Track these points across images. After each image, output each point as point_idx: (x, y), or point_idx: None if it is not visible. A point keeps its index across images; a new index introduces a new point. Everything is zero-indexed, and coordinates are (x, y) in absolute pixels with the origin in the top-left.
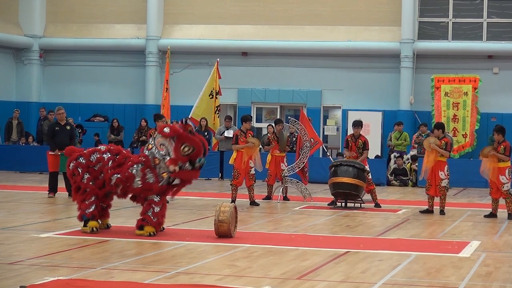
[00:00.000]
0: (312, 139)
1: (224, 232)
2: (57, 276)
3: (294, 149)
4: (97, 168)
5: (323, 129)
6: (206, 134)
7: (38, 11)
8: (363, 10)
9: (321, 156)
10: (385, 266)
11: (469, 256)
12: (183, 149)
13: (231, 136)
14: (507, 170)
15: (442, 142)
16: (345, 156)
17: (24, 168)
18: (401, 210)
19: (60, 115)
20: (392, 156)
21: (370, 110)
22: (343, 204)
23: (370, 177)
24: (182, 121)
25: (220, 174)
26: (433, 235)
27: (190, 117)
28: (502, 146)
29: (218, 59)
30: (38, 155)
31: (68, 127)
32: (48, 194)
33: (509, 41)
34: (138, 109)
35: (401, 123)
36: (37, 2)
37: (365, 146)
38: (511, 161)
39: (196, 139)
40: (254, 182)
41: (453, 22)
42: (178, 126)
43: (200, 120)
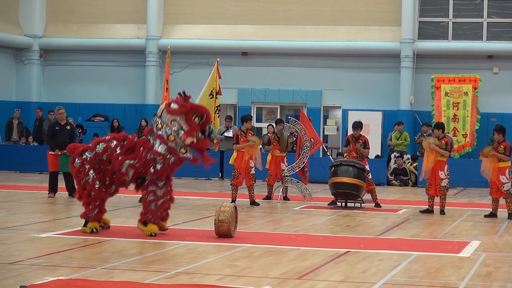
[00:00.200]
0: (312, 139)
1: (224, 232)
2: (57, 276)
3: (294, 149)
4: (105, 157)
5: (323, 129)
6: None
7: (38, 11)
8: (363, 10)
9: (321, 156)
10: (385, 266)
11: (469, 256)
12: (195, 119)
13: (231, 136)
14: (507, 170)
15: (442, 142)
16: (344, 154)
17: (24, 168)
18: (401, 210)
19: (60, 115)
20: (392, 156)
21: (370, 110)
22: (343, 204)
23: (370, 177)
24: (181, 93)
25: (220, 174)
26: (433, 235)
27: None
28: (502, 146)
29: (218, 59)
30: (38, 155)
31: (68, 127)
32: (48, 194)
33: (509, 41)
34: (138, 109)
35: (401, 123)
36: (37, 2)
37: (365, 146)
38: (511, 161)
39: (203, 107)
40: (254, 182)
41: (453, 22)
42: (180, 100)
43: None
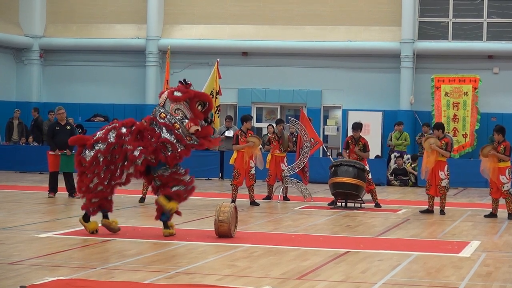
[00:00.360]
0: (312, 139)
1: (224, 232)
2: (57, 276)
3: (294, 149)
4: (117, 146)
5: (323, 129)
6: None
7: (38, 11)
8: (363, 10)
9: (321, 156)
10: (385, 266)
11: (469, 256)
12: (198, 106)
13: (232, 136)
14: (507, 170)
15: (443, 142)
16: (343, 157)
17: (24, 168)
18: (401, 210)
19: (60, 115)
20: (392, 156)
21: (370, 110)
22: (343, 204)
23: (370, 177)
24: (182, 81)
25: (220, 174)
26: (433, 235)
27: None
28: (502, 146)
29: (218, 59)
30: (38, 155)
31: (68, 127)
32: (48, 194)
33: (509, 41)
34: (138, 109)
35: (401, 123)
36: (37, 2)
37: (365, 148)
38: (511, 161)
39: (206, 94)
40: (254, 182)
41: (453, 22)
42: (182, 88)
43: None
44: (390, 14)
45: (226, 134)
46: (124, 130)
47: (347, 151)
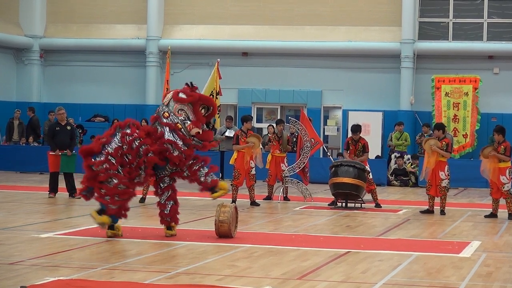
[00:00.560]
0: (312, 139)
1: (224, 232)
2: (57, 276)
3: (294, 149)
4: (126, 147)
5: (324, 129)
6: None
7: (38, 11)
8: (364, 10)
9: (321, 156)
10: (385, 266)
11: (469, 256)
12: (201, 110)
13: (232, 136)
14: (508, 170)
15: (443, 143)
16: (344, 157)
17: (24, 168)
18: (401, 210)
19: (60, 115)
20: (392, 156)
21: (370, 111)
22: (344, 204)
23: (371, 177)
24: (188, 84)
25: (220, 174)
26: (433, 235)
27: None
28: (502, 147)
29: (219, 59)
30: (39, 155)
31: (68, 127)
32: (48, 194)
33: (509, 41)
34: (139, 109)
35: (401, 123)
36: (37, 2)
37: (364, 149)
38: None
39: (210, 98)
40: (255, 182)
41: (453, 22)
42: (187, 90)
43: None
44: (390, 14)
45: (227, 134)
46: (128, 130)
47: (348, 152)
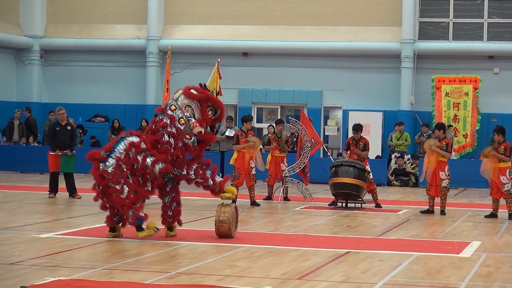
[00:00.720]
0: (312, 139)
1: (224, 232)
2: (57, 276)
3: (295, 149)
4: (132, 153)
5: (324, 129)
6: None
7: (38, 12)
8: (364, 10)
9: (321, 156)
10: (385, 266)
11: (469, 256)
12: (209, 111)
13: (232, 136)
14: (508, 171)
15: (443, 143)
16: (344, 157)
17: (24, 168)
18: (401, 210)
19: (60, 116)
20: (392, 156)
21: (370, 111)
22: (344, 204)
23: (371, 177)
24: (201, 85)
25: (221, 174)
26: (433, 236)
27: None
28: (502, 147)
29: (219, 60)
30: (39, 155)
31: (68, 128)
32: (48, 194)
33: (509, 41)
34: (139, 109)
35: (402, 123)
36: (37, 2)
37: (365, 148)
38: None
39: (221, 102)
40: (255, 182)
41: (453, 22)
42: (200, 88)
43: None
44: (390, 14)
45: (227, 134)
46: (135, 138)
47: (348, 152)
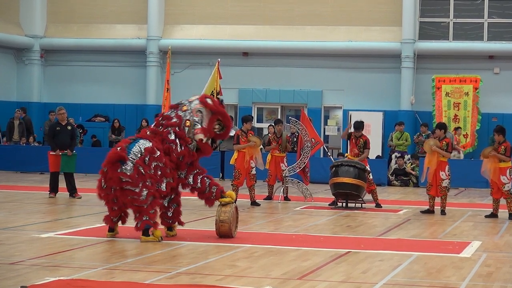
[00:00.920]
0: (313, 139)
1: (225, 232)
2: (58, 276)
3: (295, 149)
4: (148, 159)
5: (324, 129)
6: None
7: (39, 11)
8: (364, 10)
9: (322, 156)
10: (386, 266)
11: (470, 256)
12: (215, 125)
13: (232, 135)
14: (508, 171)
15: (443, 143)
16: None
17: (25, 168)
18: (402, 210)
19: (61, 115)
20: (393, 156)
21: (371, 110)
22: (344, 204)
23: (371, 177)
24: (218, 100)
25: (221, 174)
26: (434, 235)
27: None
28: (502, 147)
29: (219, 59)
30: (39, 155)
31: (69, 127)
32: (49, 194)
33: (510, 41)
34: (139, 109)
35: (402, 123)
36: (37, 2)
37: (365, 145)
38: None
39: (230, 122)
40: (255, 182)
41: (454, 22)
42: (217, 101)
43: None
44: (390, 14)
45: None
46: (148, 144)
47: (347, 141)
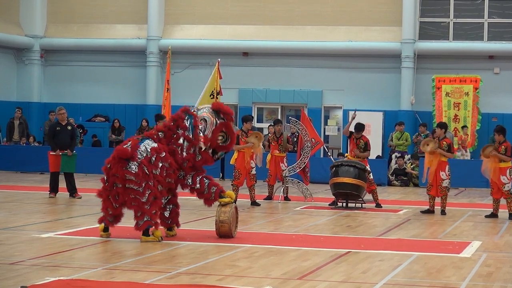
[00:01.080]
0: (313, 139)
1: (225, 232)
2: (58, 276)
3: (295, 149)
4: (154, 159)
5: (324, 129)
6: None
7: (39, 11)
8: (364, 10)
9: (322, 156)
10: (386, 266)
11: (470, 256)
12: (219, 136)
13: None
14: (508, 170)
15: (444, 143)
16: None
17: (25, 168)
18: (402, 210)
19: (61, 115)
20: (393, 156)
21: (371, 110)
22: (344, 204)
23: (371, 177)
24: (230, 115)
25: (221, 174)
26: (434, 235)
27: None
28: (503, 147)
29: (219, 59)
30: (39, 155)
31: (69, 127)
32: (49, 194)
33: (510, 41)
34: (139, 109)
35: (402, 123)
36: (38, 2)
37: (366, 147)
38: None
39: (235, 138)
40: (255, 182)
41: (454, 22)
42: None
43: None
44: (390, 14)
45: None
46: (155, 145)
47: (348, 143)
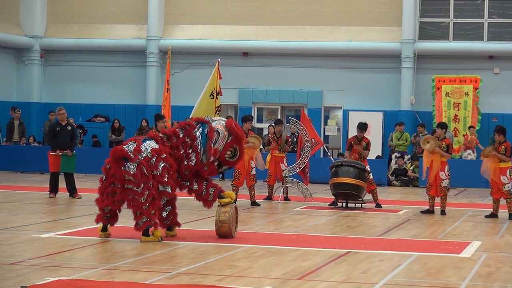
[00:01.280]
0: (313, 139)
1: (225, 232)
2: (58, 276)
3: (295, 149)
4: (154, 160)
5: (324, 129)
6: None
7: (39, 11)
8: (364, 10)
9: (322, 156)
10: (386, 266)
11: (470, 256)
12: (228, 151)
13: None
14: (508, 170)
15: (443, 143)
16: (345, 157)
17: (25, 168)
18: (402, 210)
19: (61, 116)
20: (393, 156)
21: (371, 111)
22: (344, 204)
23: (371, 177)
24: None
25: (221, 175)
26: (434, 236)
27: (191, 117)
28: (503, 147)
29: (219, 59)
30: (39, 155)
31: (69, 128)
32: (49, 194)
33: (510, 41)
34: (139, 109)
35: (402, 123)
36: (38, 2)
37: (367, 147)
38: None
39: (243, 155)
40: (255, 182)
41: (454, 23)
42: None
43: None
44: (390, 14)
45: None
46: (155, 146)
47: (350, 152)
